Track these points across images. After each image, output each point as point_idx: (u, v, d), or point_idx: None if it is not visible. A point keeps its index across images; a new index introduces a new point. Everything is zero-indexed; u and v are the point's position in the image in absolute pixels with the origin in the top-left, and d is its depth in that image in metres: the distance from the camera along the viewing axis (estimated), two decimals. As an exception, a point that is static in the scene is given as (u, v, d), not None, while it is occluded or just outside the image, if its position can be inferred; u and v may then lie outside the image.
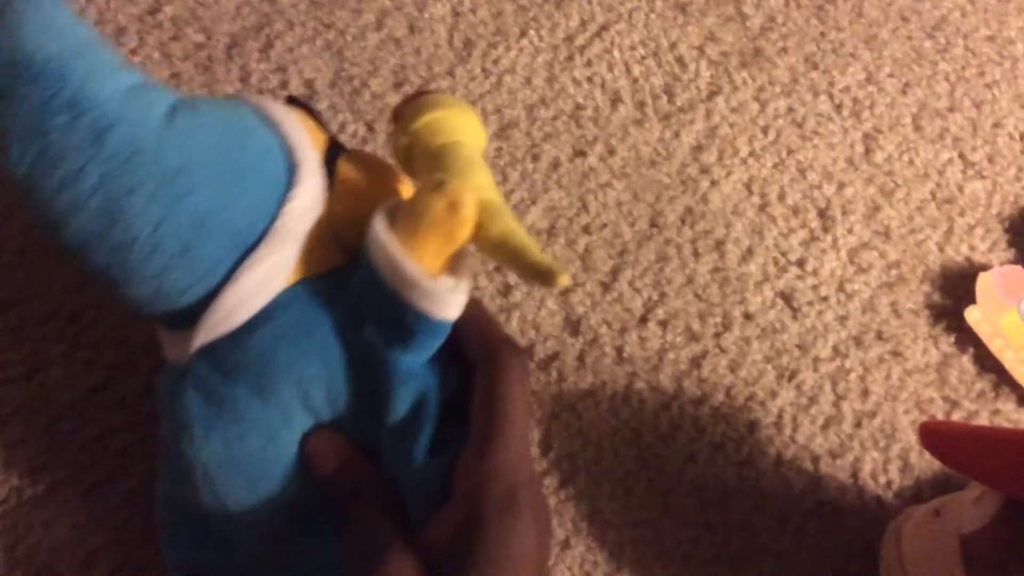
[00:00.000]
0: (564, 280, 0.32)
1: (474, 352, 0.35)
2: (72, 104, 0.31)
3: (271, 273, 0.34)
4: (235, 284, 0.34)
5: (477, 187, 0.34)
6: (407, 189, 0.40)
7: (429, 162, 0.36)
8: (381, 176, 0.39)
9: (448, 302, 0.33)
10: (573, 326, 0.48)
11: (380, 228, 0.33)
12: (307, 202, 0.35)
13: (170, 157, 0.32)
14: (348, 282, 0.35)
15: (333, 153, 0.38)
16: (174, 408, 0.35)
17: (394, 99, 0.53)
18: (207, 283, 0.34)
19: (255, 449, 0.34)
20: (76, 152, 0.31)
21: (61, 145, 0.31)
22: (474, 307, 0.35)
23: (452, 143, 0.37)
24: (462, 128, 0.37)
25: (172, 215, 0.32)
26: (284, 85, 0.53)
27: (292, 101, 0.39)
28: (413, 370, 0.35)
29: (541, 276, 0.32)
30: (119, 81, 0.32)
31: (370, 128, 0.52)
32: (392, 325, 0.34)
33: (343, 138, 0.52)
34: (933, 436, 0.40)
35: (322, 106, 0.52)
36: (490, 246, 0.34)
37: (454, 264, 0.34)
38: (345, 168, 0.38)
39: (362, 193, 0.38)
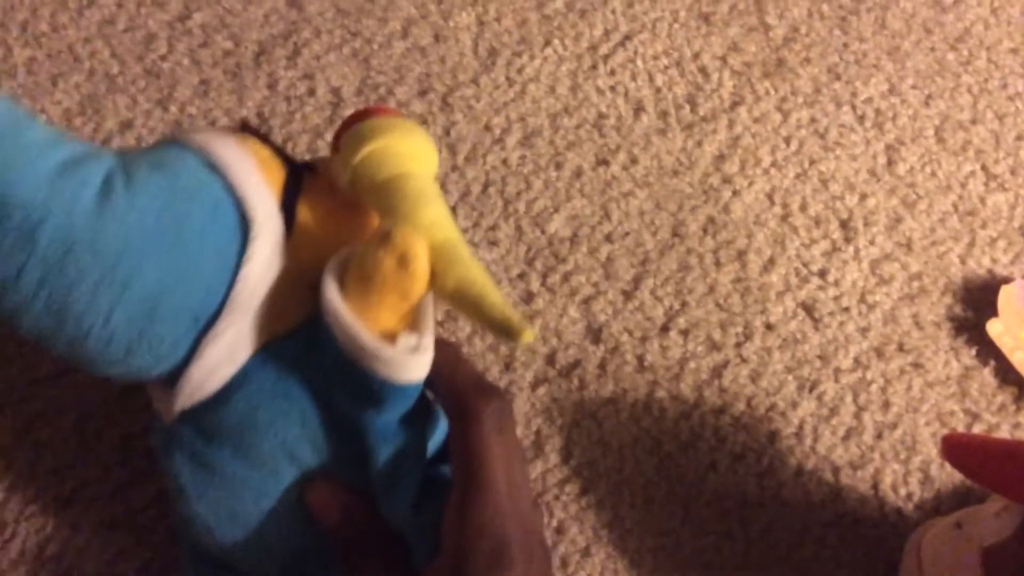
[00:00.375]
0: (528, 336, 0.30)
1: (446, 406, 0.34)
2: None
3: (234, 344, 0.33)
4: (200, 359, 0.33)
5: (430, 225, 0.32)
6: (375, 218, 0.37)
7: (375, 200, 0.34)
8: (345, 209, 0.36)
9: (411, 366, 0.31)
10: (595, 334, 0.48)
11: (331, 296, 0.32)
12: (263, 263, 0.33)
13: (108, 243, 0.30)
14: (313, 338, 0.33)
15: (292, 188, 0.35)
16: (167, 468, 0.35)
17: (420, 107, 0.54)
18: (171, 361, 0.33)
19: (250, 505, 0.34)
20: (10, 255, 0.29)
21: None
22: (442, 353, 0.33)
23: (398, 175, 0.34)
24: (408, 155, 0.34)
25: (120, 303, 0.31)
26: (311, 92, 0.53)
27: (245, 127, 0.36)
28: (390, 428, 0.33)
29: (501, 330, 0.30)
30: (42, 166, 0.30)
31: (395, 135, 0.53)
32: (360, 391, 0.32)
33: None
34: (955, 448, 0.40)
35: (348, 113, 0.53)
36: (447, 297, 0.32)
37: (413, 318, 0.32)
38: (306, 209, 0.35)
39: (326, 234, 0.35)
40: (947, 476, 0.47)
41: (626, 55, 0.58)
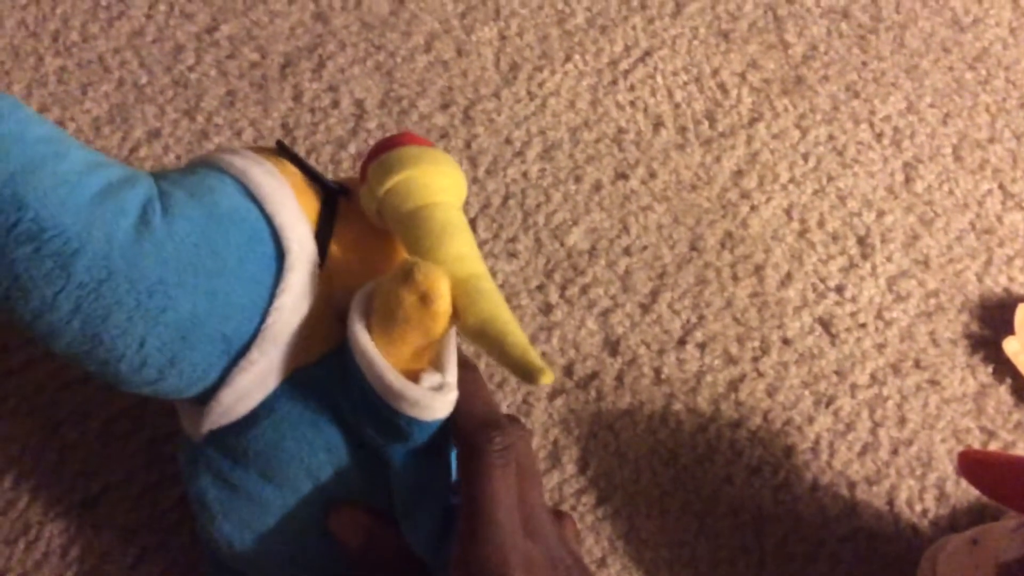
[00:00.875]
0: (546, 379, 0.29)
1: (455, 440, 0.33)
2: (33, 234, 0.29)
3: (265, 373, 0.33)
4: (230, 385, 0.33)
5: (454, 260, 0.32)
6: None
7: (401, 231, 0.34)
8: (378, 236, 0.37)
9: (435, 406, 0.31)
10: (612, 346, 0.49)
11: (358, 334, 0.32)
12: (297, 294, 0.33)
13: (145, 273, 0.30)
14: (347, 366, 0.33)
15: (327, 216, 0.35)
16: (191, 485, 0.36)
17: (441, 120, 0.55)
18: (202, 384, 0.33)
19: (273, 525, 0.35)
20: (45, 282, 0.29)
21: (29, 276, 0.29)
22: (459, 384, 0.33)
23: (423, 207, 0.33)
24: (434, 186, 0.34)
25: (154, 332, 0.31)
26: (335, 104, 0.54)
27: (282, 150, 0.36)
28: (413, 460, 0.34)
29: (521, 371, 0.30)
30: (81, 194, 0.30)
31: (417, 147, 0.53)
32: (386, 426, 0.32)
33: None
34: (972, 465, 0.40)
35: (371, 125, 0.54)
36: (468, 334, 0.31)
37: (436, 355, 0.32)
38: (339, 237, 0.35)
39: (358, 262, 0.36)
40: (962, 493, 0.47)
41: (646, 71, 0.59)
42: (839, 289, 0.52)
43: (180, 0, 0.56)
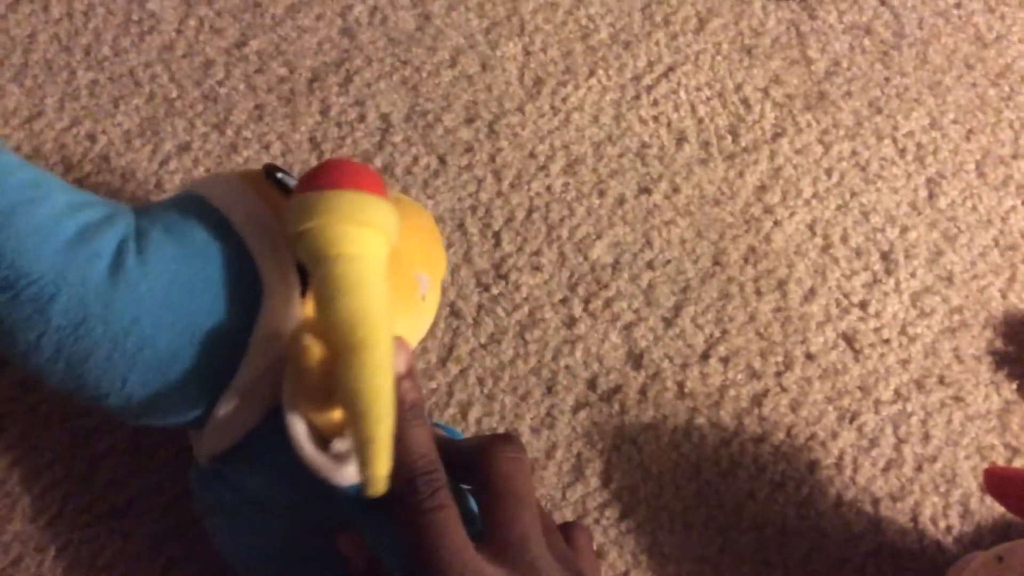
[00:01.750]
0: (372, 491, 0.28)
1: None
2: (9, 283, 0.30)
3: (248, 404, 0.33)
4: (215, 416, 0.33)
5: (342, 323, 0.30)
6: (393, 272, 0.34)
7: (311, 278, 0.32)
8: None
9: (343, 474, 0.30)
10: (636, 360, 0.49)
11: (283, 392, 0.31)
12: (276, 324, 0.33)
13: (119, 315, 0.31)
14: None
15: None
16: (200, 505, 0.37)
17: (466, 134, 0.55)
18: (192, 415, 0.34)
19: (280, 547, 0.36)
20: (26, 326, 0.31)
21: (12, 321, 0.31)
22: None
23: (330, 258, 0.31)
24: (347, 237, 0.31)
25: (134, 370, 0.32)
26: (362, 118, 0.55)
27: (269, 174, 0.36)
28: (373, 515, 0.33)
29: (360, 460, 0.28)
30: (55, 239, 0.31)
31: (442, 161, 0.54)
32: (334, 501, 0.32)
33: (416, 171, 0.53)
34: (997, 481, 0.40)
35: (397, 139, 0.54)
36: (340, 392, 0.30)
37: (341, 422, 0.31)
38: None
39: None
40: (987, 510, 0.47)
41: (669, 86, 0.59)
42: (863, 304, 0.52)
43: (210, 16, 0.57)
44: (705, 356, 0.50)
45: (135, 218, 0.34)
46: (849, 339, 0.51)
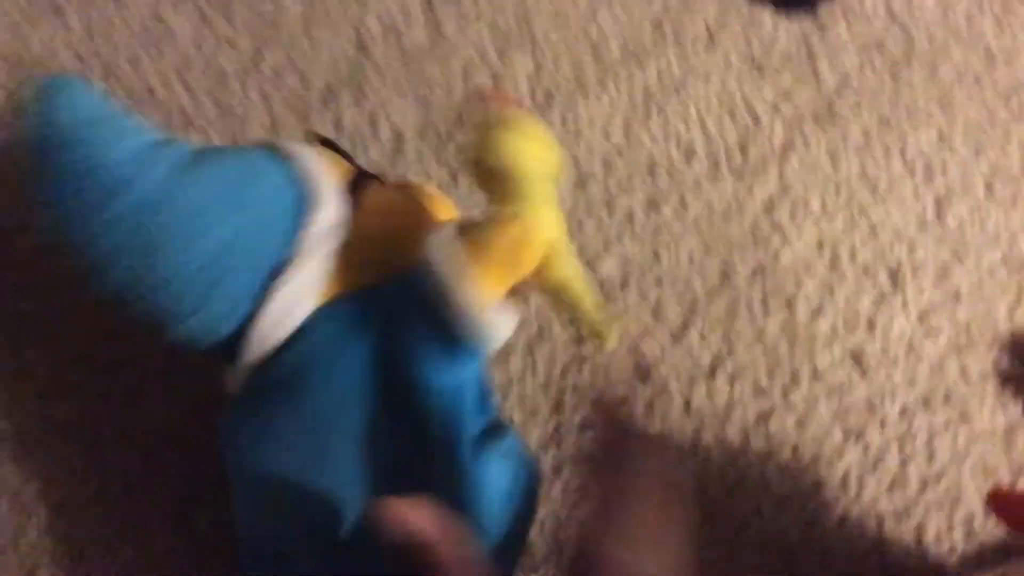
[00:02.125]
0: (611, 343, 0.34)
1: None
2: (87, 170, 0.35)
3: (298, 293, 0.37)
4: (266, 308, 0.37)
5: (548, 224, 0.37)
6: (439, 213, 0.42)
7: (503, 187, 0.37)
8: (410, 202, 0.42)
9: (491, 333, 0.36)
10: (643, 373, 0.50)
11: (444, 247, 0.36)
12: (325, 227, 0.38)
13: (180, 206, 0.36)
14: (379, 299, 0.38)
15: (359, 182, 0.41)
16: (229, 449, 0.38)
17: (477, 149, 0.56)
18: (242, 310, 0.37)
19: (299, 478, 0.37)
20: (95, 211, 0.35)
21: (81, 205, 0.35)
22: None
23: (531, 174, 0.37)
24: (542, 158, 0.38)
25: (192, 257, 0.36)
26: (375, 132, 0.55)
27: (322, 141, 0.43)
28: (446, 387, 0.37)
29: (592, 333, 0.37)
30: (129, 144, 0.36)
31: (453, 177, 0.55)
32: (431, 344, 0.36)
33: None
34: (1001, 501, 0.41)
35: (409, 154, 0.55)
36: (549, 288, 0.36)
37: (507, 296, 0.36)
38: (371, 195, 0.40)
39: (389, 218, 0.40)
40: (991, 530, 0.47)
41: (679, 101, 0.60)
42: (870, 322, 0.52)
43: (226, 31, 0.58)
44: (712, 373, 0.50)
45: (203, 146, 0.40)
46: (856, 357, 0.51)
